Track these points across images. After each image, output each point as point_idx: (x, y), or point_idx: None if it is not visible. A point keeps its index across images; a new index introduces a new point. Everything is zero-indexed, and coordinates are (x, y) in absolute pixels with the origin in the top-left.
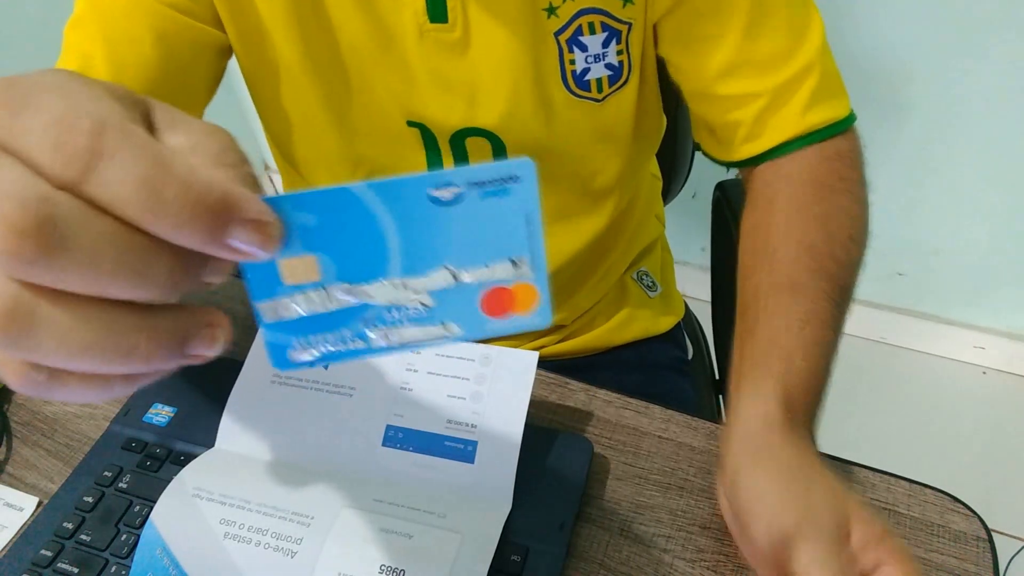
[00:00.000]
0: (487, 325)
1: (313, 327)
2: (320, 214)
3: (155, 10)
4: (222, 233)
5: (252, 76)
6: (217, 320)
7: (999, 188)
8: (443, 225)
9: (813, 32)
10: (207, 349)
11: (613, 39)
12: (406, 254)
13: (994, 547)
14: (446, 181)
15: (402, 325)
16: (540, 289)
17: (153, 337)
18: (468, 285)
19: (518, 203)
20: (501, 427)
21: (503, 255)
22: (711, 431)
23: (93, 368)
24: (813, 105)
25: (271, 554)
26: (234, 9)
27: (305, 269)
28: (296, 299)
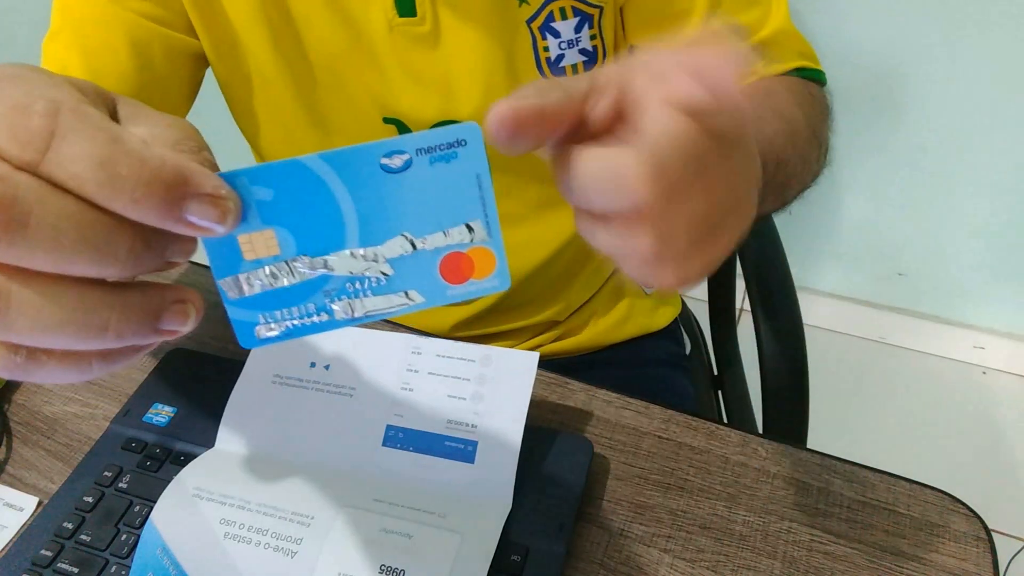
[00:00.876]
0: (447, 291)
1: (277, 302)
2: (275, 187)
3: (129, 20)
4: (178, 208)
5: (227, 82)
6: (188, 296)
7: (999, 188)
8: (396, 193)
9: (778, 8)
10: (179, 324)
11: (585, 24)
12: (363, 224)
13: (994, 547)
14: (395, 149)
15: (364, 296)
16: (496, 252)
17: (124, 313)
18: (426, 252)
19: (467, 166)
20: (501, 427)
21: (458, 220)
22: (711, 431)
23: (68, 345)
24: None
25: (271, 554)
26: (206, 16)
27: (264, 243)
28: (258, 274)
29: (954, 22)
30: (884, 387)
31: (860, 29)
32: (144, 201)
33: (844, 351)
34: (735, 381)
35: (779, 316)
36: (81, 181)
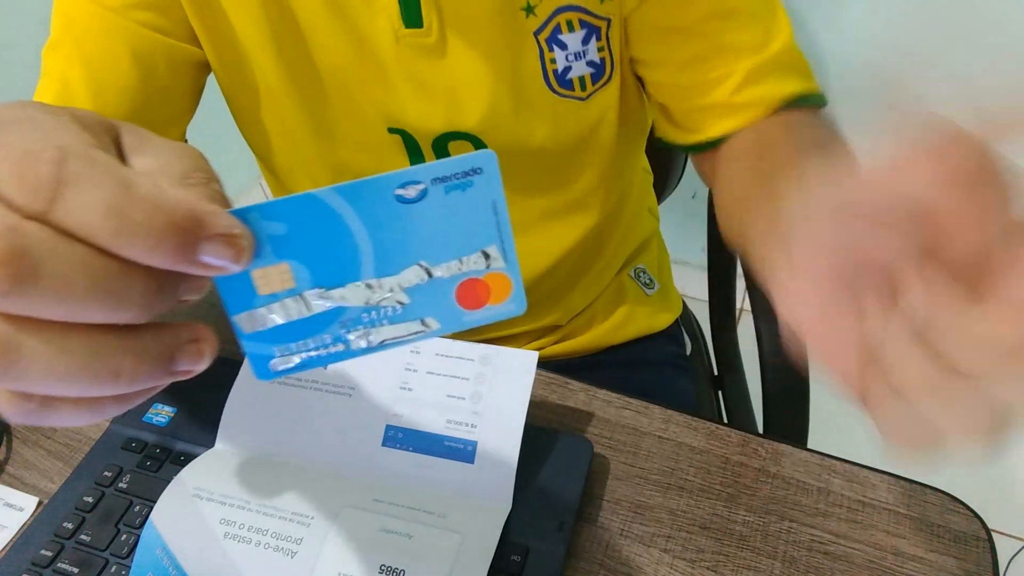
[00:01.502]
0: (464, 317)
1: (292, 334)
2: (289, 221)
3: (131, 30)
4: (193, 251)
5: (230, 90)
6: (202, 334)
7: None
8: (411, 223)
9: (781, 18)
10: (193, 364)
11: (593, 36)
12: (378, 255)
13: (994, 547)
14: (410, 179)
15: (380, 325)
16: (512, 277)
17: (138, 358)
18: (442, 280)
19: (483, 194)
20: (501, 427)
21: (473, 247)
22: (711, 431)
23: (81, 392)
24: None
25: (271, 554)
26: (208, 25)
27: (279, 277)
28: (273, 308)
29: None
30: None
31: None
32: (158, 247)
33: None
34: (735, 381)
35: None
36: (92, 230)
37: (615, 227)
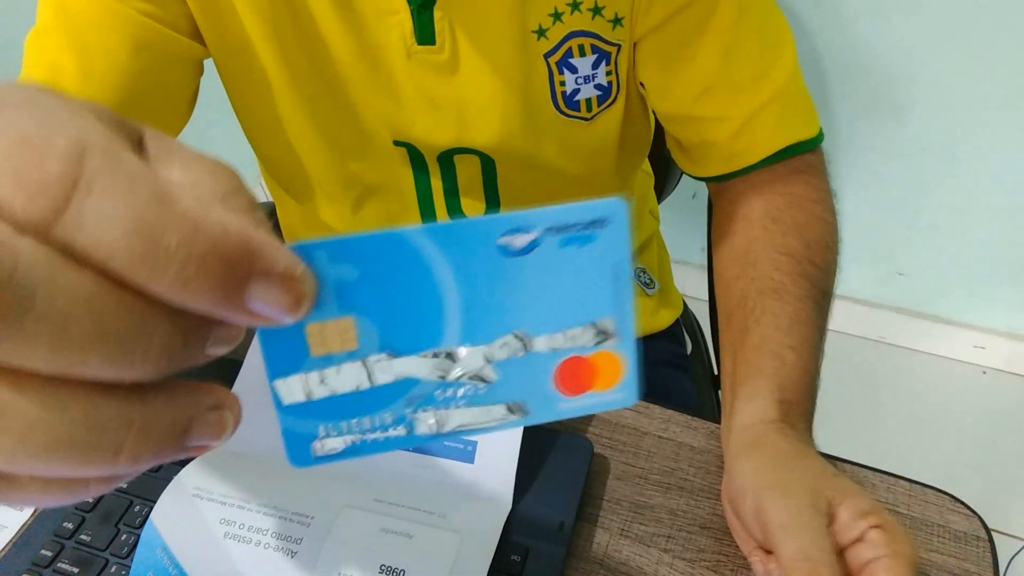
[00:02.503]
0: (560, 405)
1: (345, 410)
2: (362, 265)
3: (132, 19)
4: (239, 292)
5: (237, 95)
6: (225, 400)
7: (999, 188)
8: (513, 280)
9: (786, 53)
10: (213, 439)
11: (603, 61)
12: (466, 316)
13: (994, 547)
14: (519, 225)
15: (456, 407)
16: (627, 359)
17: (144, 431)
18: (541, 355)
19: (604, 252)
20: None
21: (585, 317)
22: (711, 431)
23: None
24: (785, 127)
25: (271, 554)
26: (215, 23)
27: (340, 335)
28: (326, 375)
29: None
30: (884, 387)
31: (860, 29)
32: (195, 282)
33: (844, 351)
34: None
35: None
36: (109, 252)
37: None
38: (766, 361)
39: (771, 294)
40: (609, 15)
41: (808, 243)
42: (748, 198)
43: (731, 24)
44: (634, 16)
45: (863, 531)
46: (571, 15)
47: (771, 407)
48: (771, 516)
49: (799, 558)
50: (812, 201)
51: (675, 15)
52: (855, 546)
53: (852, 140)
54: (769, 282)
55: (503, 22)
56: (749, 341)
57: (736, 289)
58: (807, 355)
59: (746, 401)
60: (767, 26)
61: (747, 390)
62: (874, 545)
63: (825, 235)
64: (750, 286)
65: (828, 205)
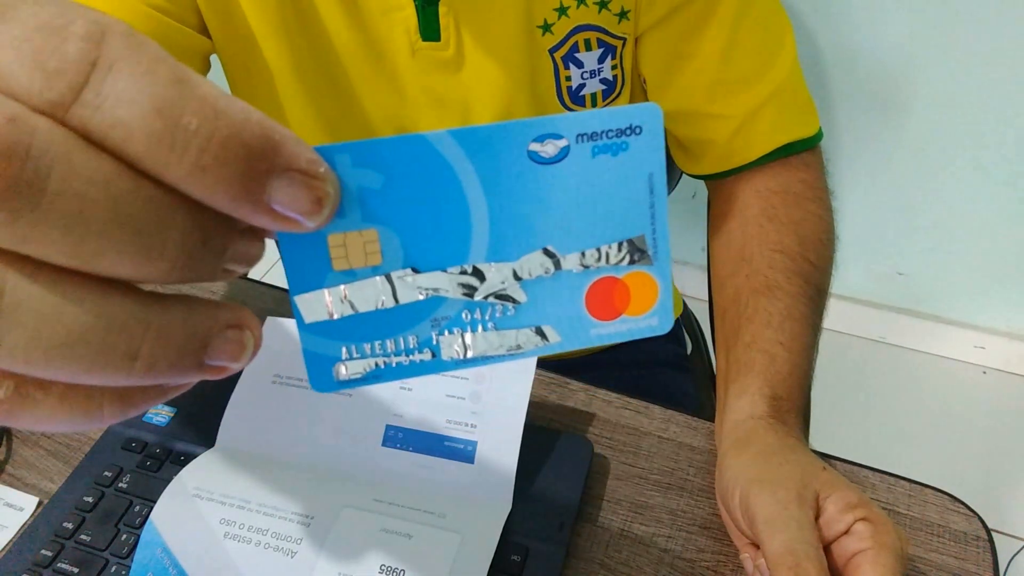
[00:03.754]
0: (591, 330)
1: (368, 331)
2: (387, 172)
3: (139, 10)
4: (260, 186)
5: (241, 90)
6: (246, 319)
7: (999, 188)
8: (543, 191)
9: (786, 51)
10: (231, 359)
11: (608, 55)
12: (495, 230)
13: (994, 547)
14: (550, 131)
15: (484, 330)
16: (660, 281)
17: (163, 337)
18: (571, 275)
19: (638, 162)
20: (501, 427)
21: (618, 233)
22: (711, 431)
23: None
24: (783, 125)
25: (271, 554)
26: (221, 17)
27: (363, 248)
28: (348, 291)
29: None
30: (884, 387)
31: (860, 29)
32: (215, 169)
33: (844, 351)
34: None
35: None
36: (128, 132)
37: None
38: (756, 358)
39: (764, 292)
40: (615, 8)
41: (803, 240)
42: (744, 196)
43: (732, 21)
44: (638, 10)
45: (850, 524)
46: (577, 9)
47: (761, 403)
48: (757, 511)
49: (783, 551)
50: (808, 199)
51: (677, 10)
52: (842, 539)
53: (852, 139)
54: (763, 280)
55: (508, 18)
56: (741, 339)
57: (730, 287)
58: (798, 351)
59: (736, 398)
60: (768, 23)
61: (737, 387)
62: (860, 537)
63: (821, 232)
64: (744, 284)
65: (825, 203)
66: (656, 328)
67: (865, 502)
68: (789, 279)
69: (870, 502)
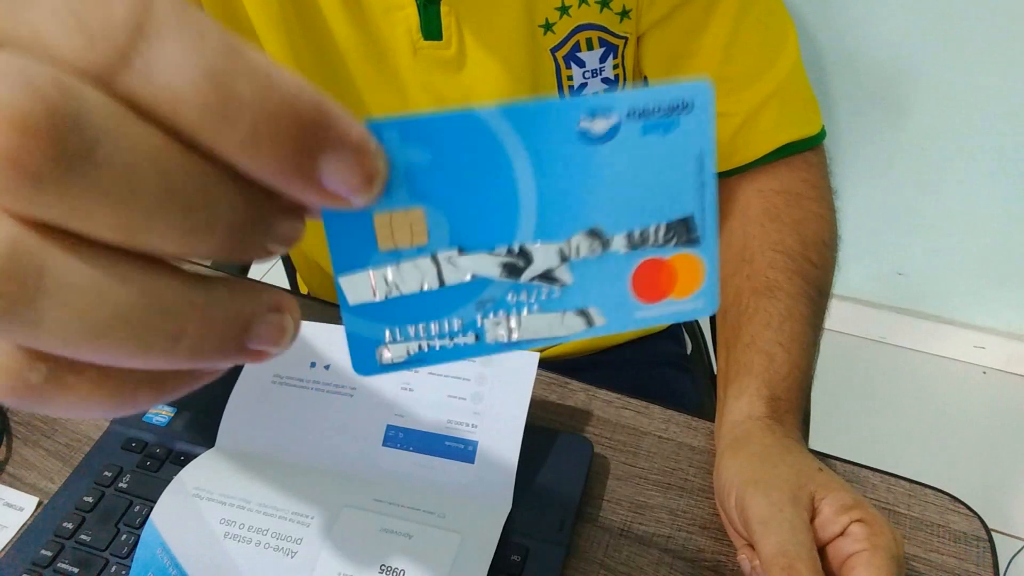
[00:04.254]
0: (637, 312)
1: (412, 313)
2: (435, 149)
3: None
4: (312, 160)
5: None
6: (287, 303)
7: (999, 188)
8: (592, 169)
9: (788, 49)
10: (272, 344)
11: (610, 54)
12: (542, 210)
13: (994, 547)
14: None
15: (529, 312)
16: (708, 262)
17: (207, 318)
18: (618, 256)
19: (689, 141)
20: (501, 427)
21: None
22: (711, 431)
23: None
24: (785, 124)
25: (271, 554)
26: (224, 17)
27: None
28: (394, 271)
29: (954, 22)
30: (884, 387)
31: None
32: (268, 142)
33: (844, 351)
34: None
35: None
36: (178, 101)
37: None
38: (755, 358)
39: (765, 292)
40: (617, 7)
41: (805, 241)
42: (746, 195)
43: (733, 19)
44: (640, 9)
45: (845, 526)
46: (579, 8)
47: (759, 404)
48: (752, 512)
49: (776, 552)
50: (810, 199)
51: (678, 9)
52: (837, 541)
53: (852, 139)
54: (763, 280)
55: (510, 17)
56: (740, 339)
57: (731, 287)
58: (797, 352)
59: (735, 398)
60: (770, 22)
61: (736, 387)
62: (855, 539)
63: (823, 232)
64: (745, 284)
65: (827, 202)
66: (701, 310)
67: (861, 503)
68: (790, 279)
69: (866, 503)
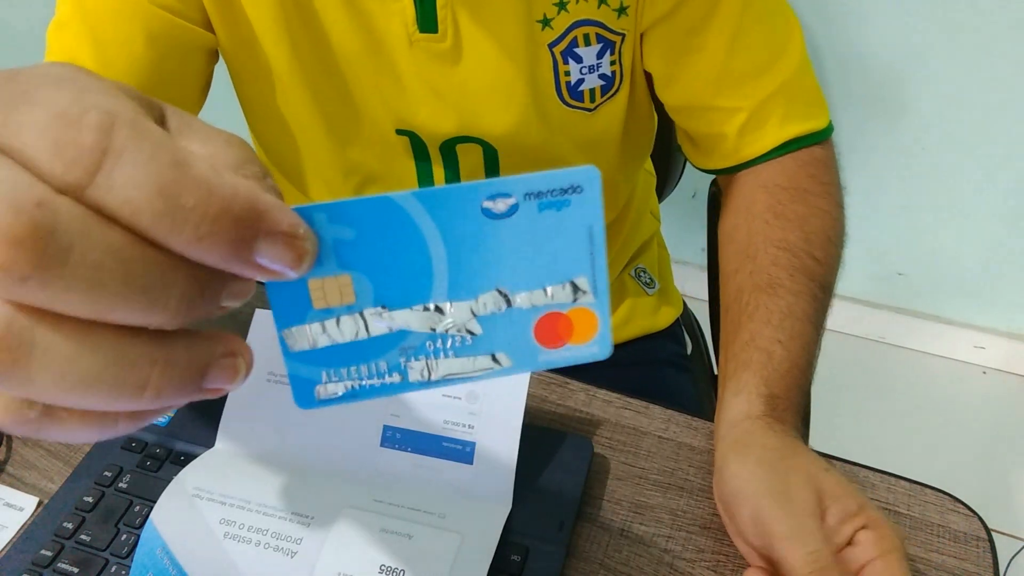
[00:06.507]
0: (540, 356)
1: (345, 358)
2: (358, 227)
3: (146, 10)
4: (248, 248)
5: (242, 81)
6: (238, 347)
7: (999, 188)
8: (495, 241)
9: (793, 45)
10: (226, 382)
11: (607, 50)
12: (453, 274)
13: (994, 547)
14: (500, 191)
15: (446, 356)
16: (600, 316)
17: (167, 370)
18: (521, 311)
19: (579, 216)
20: (499, 427)
21: (561, 276)
22: (711, 431)
23: (95, 405)
24: (792, 118)
25: (271, 554)
26: (225, 12)
27: (339, 290)
28: (327, 326)
29: (954, 22)
30: (884, 387)
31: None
32: (209, 238)
33: (844, 351)
34: None
35: None
36: (136, 211)
37: (619, 231)
38: (754, 356)
39: (766, 289)
40: (615, 4)
41: (808, 237)
42: (752, 191)
43: (737, 14)
44: (640, 6)
45: (850, 535)
46: (576, 4)
47: (757, 402)
48: (774, 526)
49: (808, 562)
50: (816, 194)
51: (681, 5)
52: (846, 551)
53: (852, 139)
54: (765, 277)
55: (507, 11)
56: (740, 336)
57: (734, 283)
58: (797, 350)
59: (733, 396)
60: (774, 17)
61: (734, 385)
62: (865, 548)
63: (828, 228)
64: (747, 281)
65: (833, 198)
66: (598, 354)
67: (863, 507)
68: (792, 276)
69: (867, 505)
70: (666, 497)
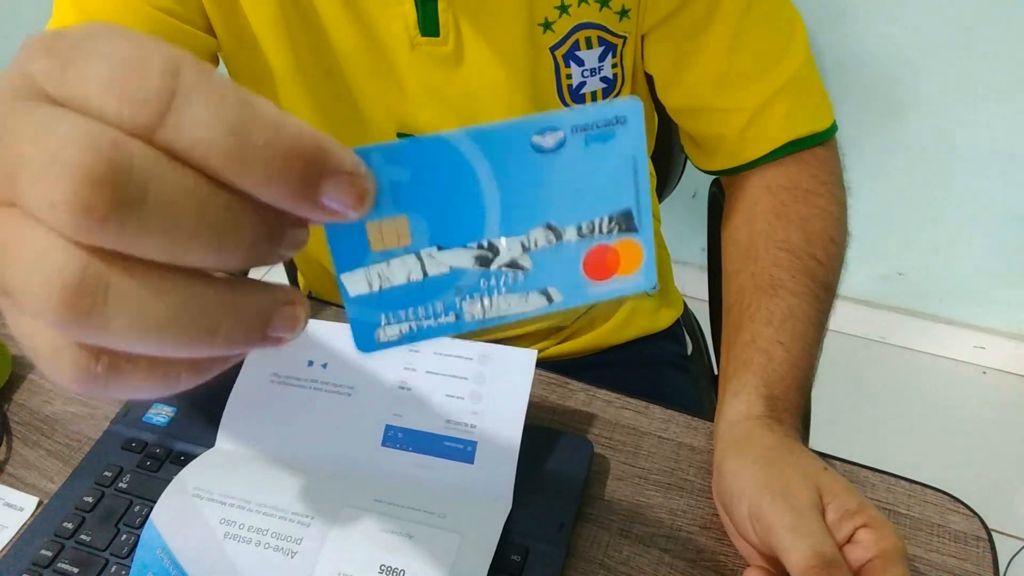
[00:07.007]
0: (589, 289)
1: (403, 300)
2: (413, 168)
3: (146, 13)
4: (315, 188)
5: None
6: (297, 297)
7: (999, 188)
8: (544, 177)
9: (796, 45)
10: (288, 330)
11: (609, 53)
12: (504, 211)
13: (994, 547)
14: (549, 125)
15: (499, 294)
16: (645, 246)
17: (236, 315)
18: (570, 244)
19: (624, 148)
20: (500, 427)
21: (608, 208)
22: (711, 431)
23: (166, 351)
24: (795, 119)
25: (271, 554)
26: (226, 15)
27: (395, 232)
28: (385, 268)
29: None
30: (884, 387)
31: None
32: (279, 177)
33: (844, 351)
34: None
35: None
36: (207, 151)
37: None
38: (754, 357)
39: (767, 290)
40: (616, 7)
41: (810, 238)
42: (755, 191)
43: (739, 14)
44: (641, 8)
45: (850, 533)
46: (578, 7)
47: (757, 402)
48: (775, 520)
49: (812, 554)
50: (819, 195)
51: (681, 7)
52: (845, 549)
53: (852, 139)
54: (767, 278)
55: (509, 15)
56: (741, 337)
57: (735, 284)
58: (798, 351)
59: (732, 395)
60: (777, 17)
61: (734, 385)
62: (865, 547)
63: (830, 229)
64: (748, 281)
65: (837, 198)
66: (643, 284)
67: (863, 506)
68: (793, 277)
69: (867, 504)
70: (666, 497)
